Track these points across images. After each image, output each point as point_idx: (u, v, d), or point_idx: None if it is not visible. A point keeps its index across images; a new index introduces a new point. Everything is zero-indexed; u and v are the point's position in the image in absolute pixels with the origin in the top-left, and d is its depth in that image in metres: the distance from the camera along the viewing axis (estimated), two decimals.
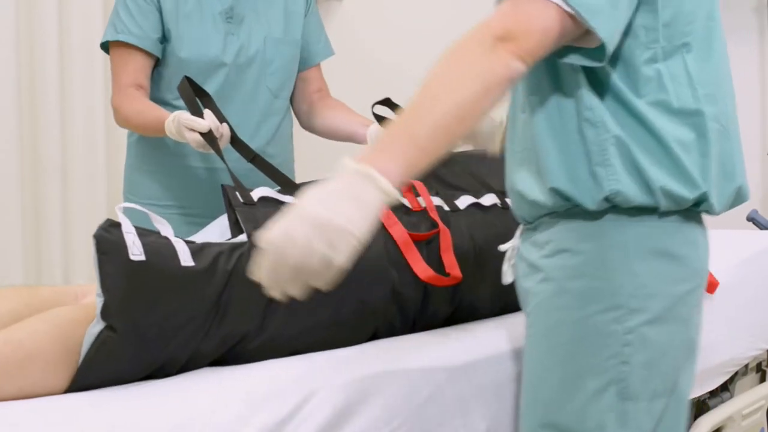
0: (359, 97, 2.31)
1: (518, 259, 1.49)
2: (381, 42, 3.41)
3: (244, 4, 2.24)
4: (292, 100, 2.38)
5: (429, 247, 1.72)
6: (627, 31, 1.29)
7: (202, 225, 1.90)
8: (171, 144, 2.15)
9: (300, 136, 2.48)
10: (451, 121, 1.16)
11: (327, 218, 1.08)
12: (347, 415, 1.41)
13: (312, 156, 2.59)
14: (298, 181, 1.98)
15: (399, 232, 1.68)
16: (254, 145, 2.17)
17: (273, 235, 1.10)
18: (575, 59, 1.27)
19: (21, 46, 3.04)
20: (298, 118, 2.42)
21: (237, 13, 2.23)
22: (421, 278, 1.65)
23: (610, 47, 1.24)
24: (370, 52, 3.42)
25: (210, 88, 2.18)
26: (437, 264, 1.72)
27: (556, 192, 1.33)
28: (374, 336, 1.70)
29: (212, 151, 1.89)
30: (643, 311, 1.32)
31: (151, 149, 2.26)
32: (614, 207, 1.32)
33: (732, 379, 2.25)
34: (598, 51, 1.25)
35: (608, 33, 1.23)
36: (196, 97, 1.93)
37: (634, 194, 1.30)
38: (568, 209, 1.35)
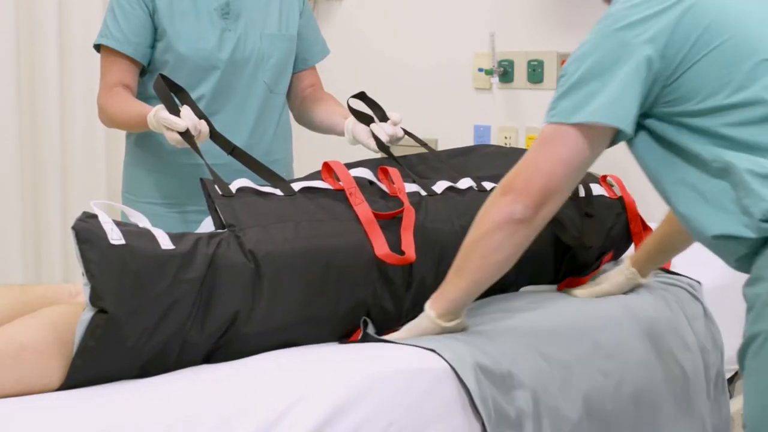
0: None
1: None
2: (381, 42, 3.41)
3: (239, 1, 2.24)
4: (287, 96, 2.38)
5: (398, 228, 1.76)
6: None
7: (201, 223, 1.91)
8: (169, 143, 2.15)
9: (299, 135, 2.48)
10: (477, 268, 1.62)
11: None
12: (341, 412, 1.40)
13: (311, 155, 2.59)
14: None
15: (363, 210, 1.74)
16: (258, 142, 2.21)
17: None
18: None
19: (21, 46, 3.04)
20: (293, 113, 2.43)
21: (233, 9, 2.23)
22: (376, 255, 1.70)
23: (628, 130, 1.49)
24: (370, 51, 3.42)
25: (207, 84, 2.19)
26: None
27: None
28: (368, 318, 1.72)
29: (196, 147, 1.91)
30: None
31: (150, 148, 2.25)
32: None
33: (732, 380, 2.24)
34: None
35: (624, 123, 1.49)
36: (172, 94, 1.95)
37: None
38: None
